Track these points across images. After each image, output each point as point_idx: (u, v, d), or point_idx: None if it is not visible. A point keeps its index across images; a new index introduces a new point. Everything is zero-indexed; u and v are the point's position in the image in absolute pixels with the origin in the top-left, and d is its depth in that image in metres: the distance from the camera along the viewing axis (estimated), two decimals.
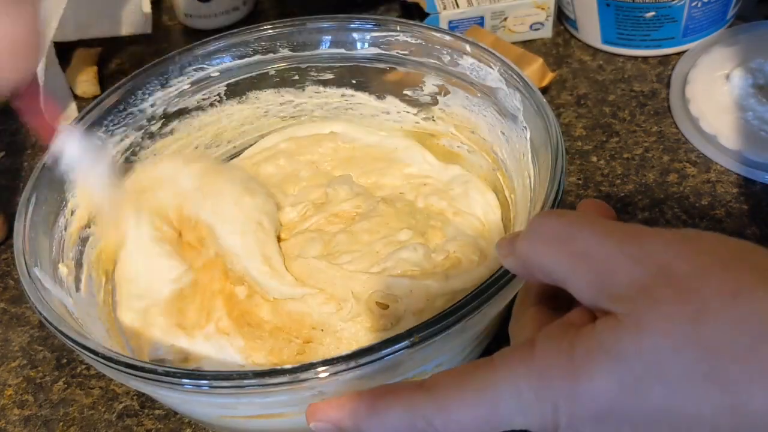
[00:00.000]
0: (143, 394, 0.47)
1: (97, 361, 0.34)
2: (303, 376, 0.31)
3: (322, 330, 0.41)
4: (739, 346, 0.23)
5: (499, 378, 0.26)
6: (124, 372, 0.33)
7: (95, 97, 0.57)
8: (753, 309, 0.23)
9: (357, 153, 0.53)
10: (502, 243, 0.30)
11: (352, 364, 0.31)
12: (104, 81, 0.71)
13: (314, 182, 0.50)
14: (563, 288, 0.27)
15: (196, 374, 0.32)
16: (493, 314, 0.35)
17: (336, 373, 0.31)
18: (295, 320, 0.41)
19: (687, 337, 0.23)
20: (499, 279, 0.34)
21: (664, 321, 0.24)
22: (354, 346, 0.39)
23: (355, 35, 0.51)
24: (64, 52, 0.69)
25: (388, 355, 0.31)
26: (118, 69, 0.73)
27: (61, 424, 0.47)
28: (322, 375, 0.31)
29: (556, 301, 0.30)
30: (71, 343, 0.35)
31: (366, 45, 0.51)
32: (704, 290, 0.24)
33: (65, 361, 0.50)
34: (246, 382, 0.31)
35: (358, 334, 0.40)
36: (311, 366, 0.31)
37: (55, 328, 0.36)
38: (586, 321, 0.26)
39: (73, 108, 0.67)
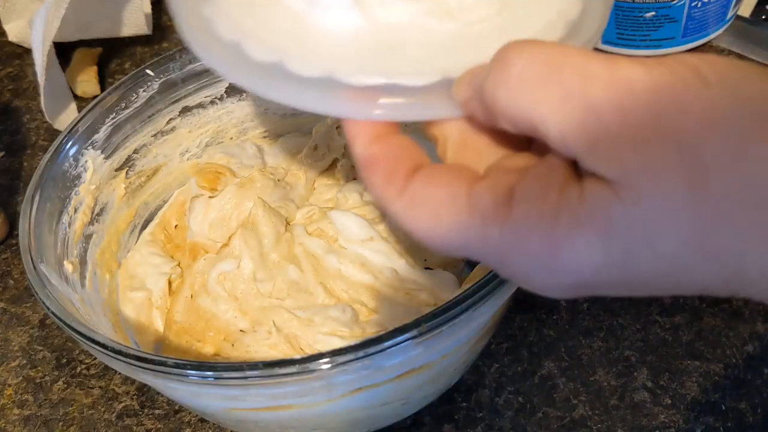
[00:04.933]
0: (143, 394, 0.47)
1: (107, 354, 0.34)
2: (311, 366, 0.31)
3: (233, 345, 0.42)
4: (740, 212, 0.21)
5: (471, 229, 0.24)
6: (134, 365, 0.33)
7: (95, 96, 0.57)
8: (757, 171, 0.21)
9: None
10: (461, 83, 0.26)
11: (361, 354, 0.31)
12: (104, 81, 0.71)
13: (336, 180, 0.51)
14: (534, 135, 0.23)
15: (206, 366, 0.32)
16: (500, 304, 0.35)
17: (345, 362, 0.31)
18: (201, 316, 0.42)
19: (685, 209, 0.21)
20: None
21: (661, 190, 0.21)
22: None
23: None
24: (64, 52, 0.69)
25: (396, 344, 0.31)
26: (118, 69, 0.73)
27: (60, 423, 0.47)
28: (330, 365, 0.31)
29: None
30: (80, 338, 0.35)
31: None
32: (705, 149, 0.21)
33: (65, 360, 0.50)
34: (254, 372, 0.31)
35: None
36: (320, 356, 0.31)
37: (64, 322, 0.36)
38: (567, 173, 0.23)
39: (73, 108, 0.67)
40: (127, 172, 0.50)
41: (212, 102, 0.53)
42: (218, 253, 0.47)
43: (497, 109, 0.24)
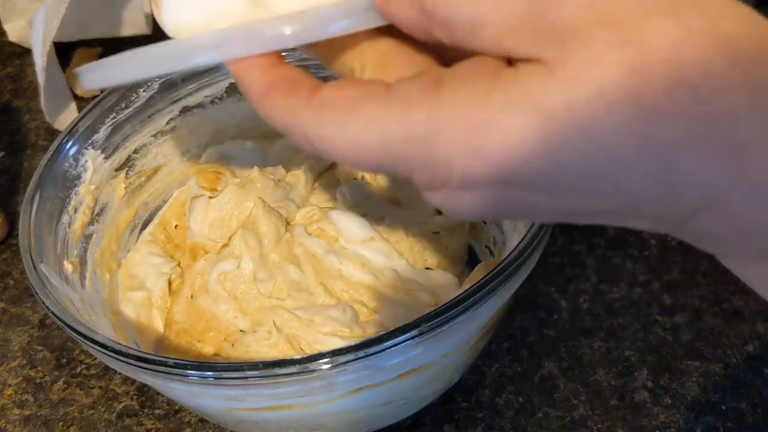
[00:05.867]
0: (143, 394, 0.47)
1: (107, 354, 0.34)
2: (311, 366, 0.31)
3: (233, 345, 0.42)
4: (677, 103, 0.20)
5: (391, 118, 0.22)
6: (134, 365, 0.33)
7: (95, 96, 0.57)
8: (697, 60, 0.20)
9: None
10: None
11: (362, 354, 0.31)
12: None
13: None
14: (468, 43, 0.22)
15: (206, 366, 0.32)
16: (500, 304, 0.35)
17: (345, 363, 0.31)
18: (201, 316, 0.43)
19: (623, 93, 0.20)
20: (506, 268, 0.34)
21: (600, 70, 0.20)
22: None
23: None
24: (64, 52, 0.69)
25: (397, 344, 0.31)
26: None
27: (60, 423, 0.46)
28: (330, 365, 0.31)
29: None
30: (80, 338, 0.35)
31: None
32: (647, 33, 0.20)
33: (65, 360, 0.50)
34: (254, 372, 0.31)
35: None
36: (320, 356, 0.31)
37: (64, 322, 0.36)
38: (498, 63, 0.22)
39: (73, 108, 0.67)
40: (127, 172, 0.50)
41: (212, 102, 0.53)
42: (218, 253, 0.47)
43: (437, 13, 0.22)
